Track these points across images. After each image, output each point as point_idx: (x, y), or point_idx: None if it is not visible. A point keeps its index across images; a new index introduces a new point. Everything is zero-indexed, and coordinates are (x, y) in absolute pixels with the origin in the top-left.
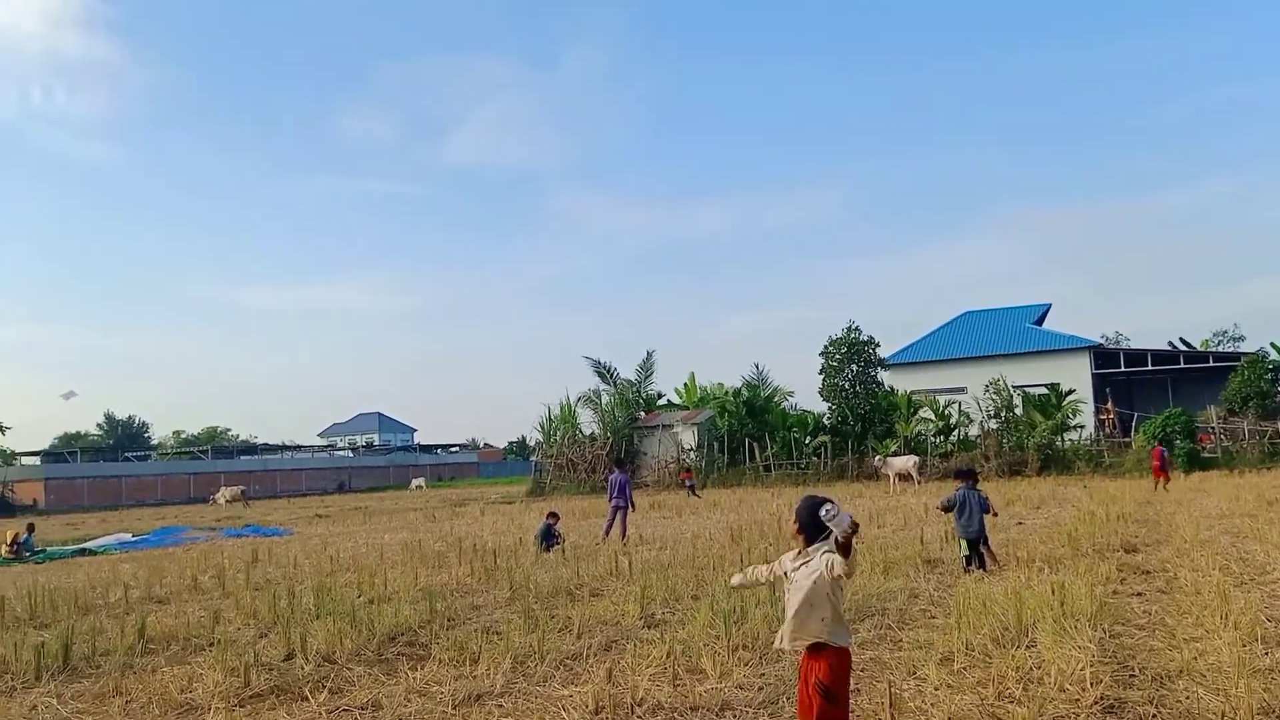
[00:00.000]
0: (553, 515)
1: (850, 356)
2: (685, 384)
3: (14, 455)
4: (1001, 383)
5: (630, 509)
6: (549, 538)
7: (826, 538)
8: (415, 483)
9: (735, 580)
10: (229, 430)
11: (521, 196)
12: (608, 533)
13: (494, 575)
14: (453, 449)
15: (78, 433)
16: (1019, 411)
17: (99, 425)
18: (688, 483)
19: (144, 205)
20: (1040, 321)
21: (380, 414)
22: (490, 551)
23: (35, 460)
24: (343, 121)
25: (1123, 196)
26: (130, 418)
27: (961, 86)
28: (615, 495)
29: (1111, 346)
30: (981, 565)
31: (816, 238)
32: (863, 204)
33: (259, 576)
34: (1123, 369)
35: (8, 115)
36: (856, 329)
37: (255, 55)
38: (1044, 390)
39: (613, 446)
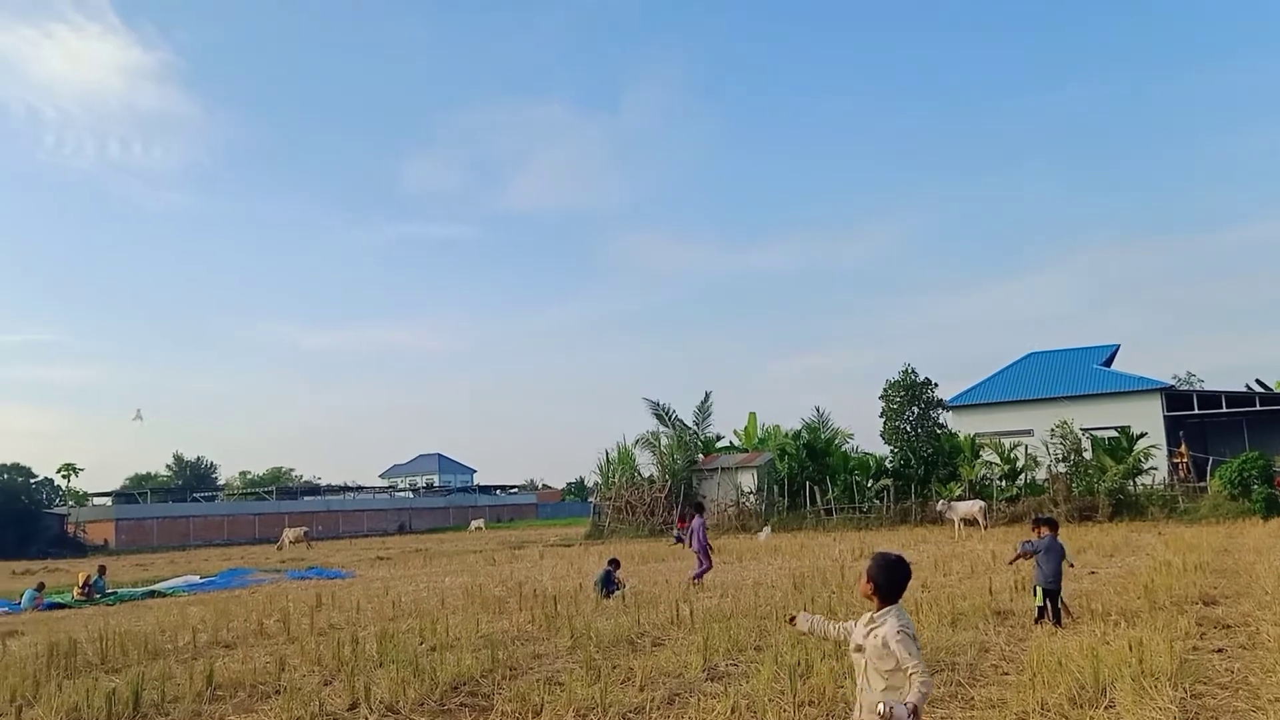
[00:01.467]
0: (613, 562)
1: (910, 399)
2: (745, 427)
3: (86, 496)
4: (1070, 424)
5: (703, 553)
6: (609, 584)
7: (900, 598)
8: (474, 524)
9: (802, 623)
10: (293, 470)
11: (581, 238)
12: (697, 578)
13: (555, 622)
14: (511, 490)
15: (147, 473)
16: (1088, 455)
17: (168, 466)
18: (677, 534)
19: (214, 251)
20: (1109, 363)
21: (440, 455)
22: (550, 597)
23: (107, 501)
24: (405, 168)
25: (1193, 231)
26: (198, 458)
27: (1024, 121)
28: (695, 540)
29: (1184, 388)
30: (1055, 618)
31: (877, 277)
32: (924, 243)
33: (323, 621)
34: (1196, 411)
35: (87, 167)
36: (913, 371)
37: (321, 107)
38: (1114, 433)
39: (671, 489)
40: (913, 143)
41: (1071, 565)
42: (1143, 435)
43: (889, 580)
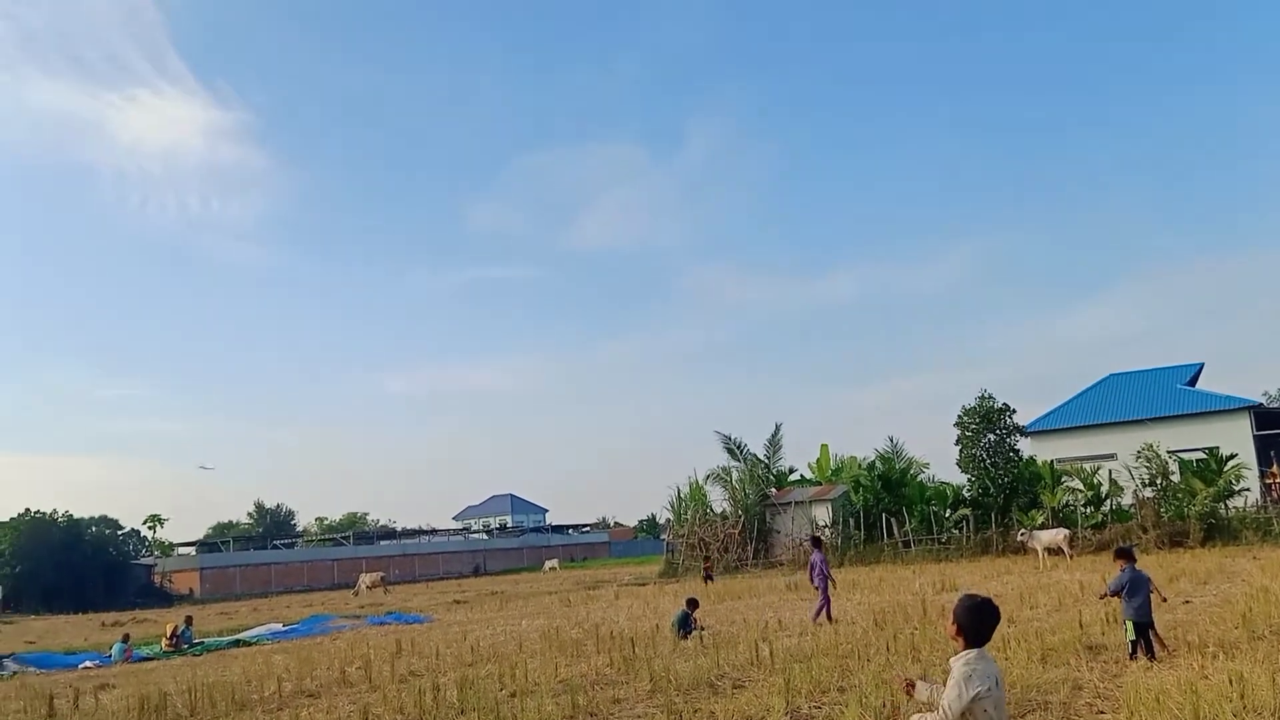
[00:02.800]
0: (691, 602)
1: (986, 425)
2: (817, 459)
3: (171, 546)
4: (1155, 448)
5: (831, 587)
6: (686, 625)
7: (986, 641)
8: (549, 564)
9: (921, 693)
10: (368, 515)
11: (648, 274)
12: (816, 617)
13: (633, 665)
14: (584, 529)
15: (229, 522)
16: (1175, 478)
17: (249, 514)
18: (706, 572)
19: (289, 301)
20: (1193, 382)
21: (513, 495)
22: (628, 639)
23: (191, 550)
24: (473, 211)
25: (1267, 244)
26: (278, 506)
27: (1099, 139)
28: (815, 577)
29: (1273, 406)
30: (1149, 652)
31: (949, 303)
32: (996, 266)
33: (404, 668)
34: None
35: (169, 224)
36: (990, 397)
37: (391, 154)
38: (1201, 455)
39: (744, 525)
40: (982, 165)
41: (1164, 599)
42: (1232, 456)
43: (974, 623)
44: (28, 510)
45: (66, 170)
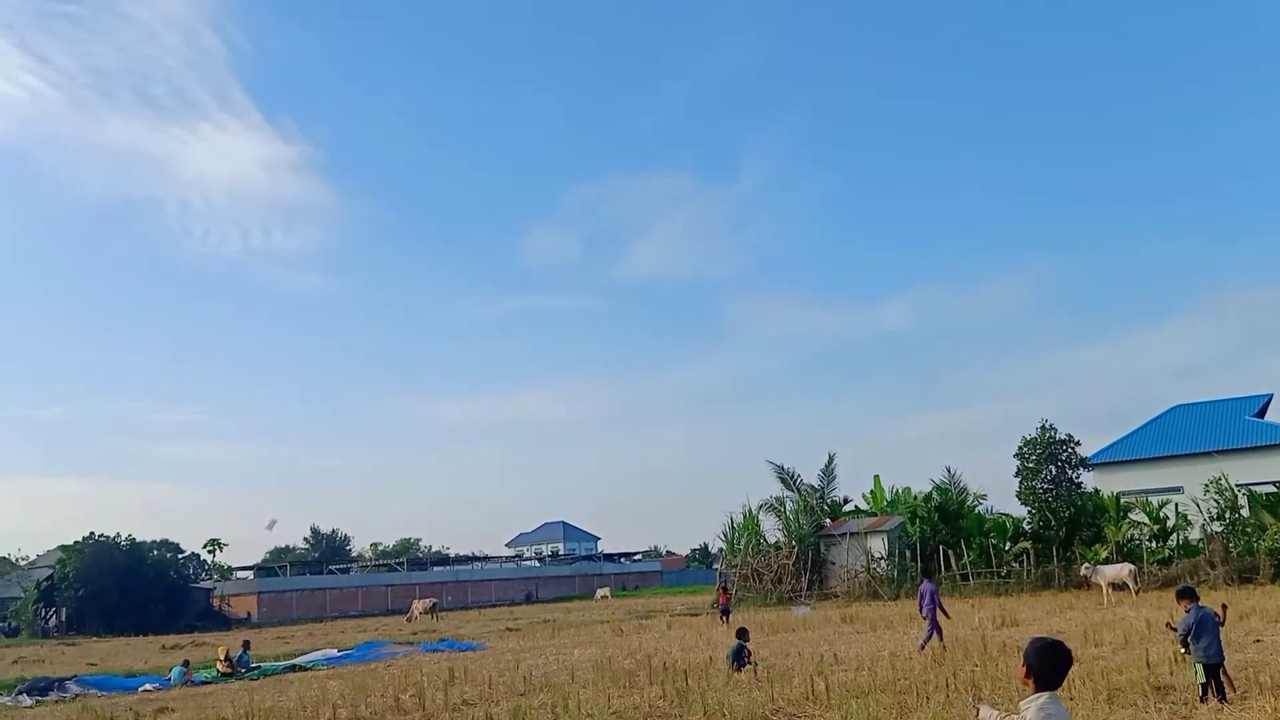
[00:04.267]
0: (742, 633)
1: (1047, 457)
2: (871, 490)
3: (230, 570)
4: (1224, 480)
5: (931, 621)
6: (740, 658)
7: (1059, 685)
8: (600, 593)
9: (985, 716)
10: (421, 541)
11: (701, 304)
12: (923, 647)
13: (686, 697)
14: (635, 557)
15: (286, 547)
16: (1244, 512)
17: (305, 539)
18: (722, 606)
19: (347, 330)
20: (1262, 413)
21: (565, 523)
22: (681, 671)
23: (249, 574)
24: (528, 240)
25: None
26: (333, 531)
27: (1158, 163)
28: (925, 606)
29: None
30: (1220, 693)
31: (1006, 330)
32: (1055, 293)
33: (456, 696)
34: None
35: (232, 254)
36: (1052, 428)
37: (448, 185)
38: (1271, 488)
39: (798, 555)
40: (1037, 191)
41: (1222, 622)
42: None
43: (1046, 666)
44: (91, 534)
45: (133, 203)
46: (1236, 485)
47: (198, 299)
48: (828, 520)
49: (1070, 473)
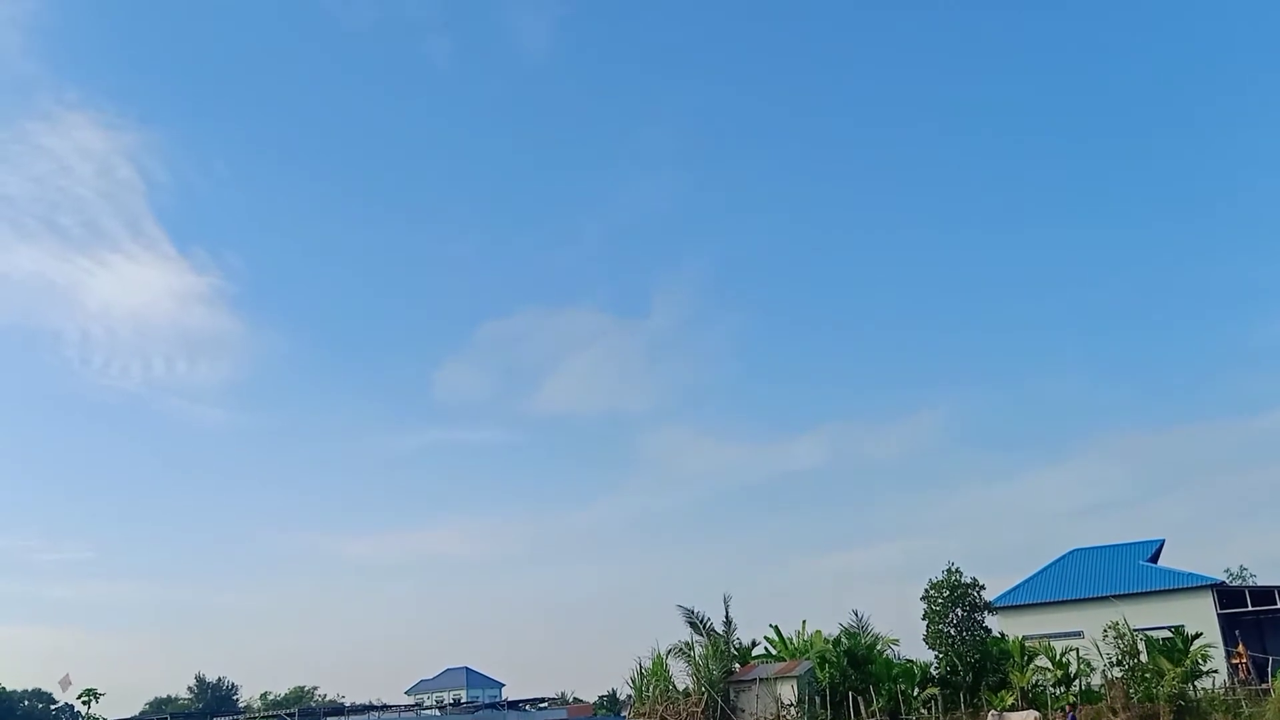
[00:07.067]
0: None
1: (953, 600)
2: (790, 633)
3: None
4: (1123, 625)
5: None
6: None
7: None
8: None
9: None
10: (316, 689)
11: (615, 439)
12: None
13: None
14: (541, 704)
15: (168, 696)
16: (1144, 658)
17: (189, 688)
18: None
19: (249, 464)
20: (1155, 558)
21: (468, 668)
22: None
23: None
24: (440, 374)
25: (1232, 415)
26: (220, 679)
27: (1059, 310)
28: None
29: (1235, 584)
30: None
31: (915, 469)
32: (962, 432)
33: None
34: (1250, 608)
35: (132, 386)
36: (957, 570)
37: (360, 319)
38: (1168, 633)
39: (708, 702)
40: (945, 335)
41: None
42: (1198, 635)
43: None
44: None
45: (30, 334)
46: (1134, 630)
47: (92, 431)
48: (737, 666)
49: (976, 616)
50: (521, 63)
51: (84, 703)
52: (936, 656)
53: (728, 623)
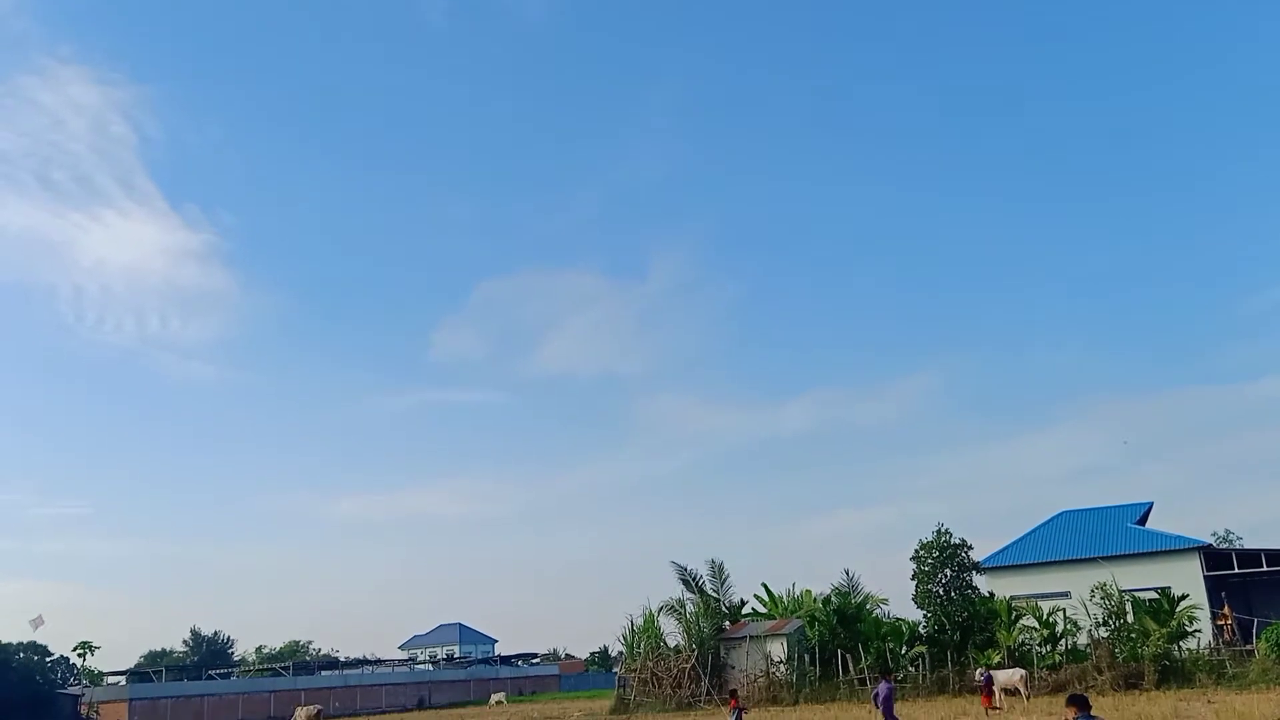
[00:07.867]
0: None
1: (943, 561)
2: (780, 592)
3: (100, 675)
4: (1111, 586)
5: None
6: None
7: None
8: (495, 698)
9: None
10: (311, 644)
11: (608, 402)
12: None
13: None
14: (534, 660)
15: (163, 650)
16: (1130, 618)
17: (184, 642)
18: (736, 711)
19: (243, 421)
20: (1143, 521)
21: (461, 625)
22: None
23: (121, 680)
24: (436, 335)
25: (1226, 381)
26: (215, 633)
27: (1046, 277)
28: (879, 704)
29: (1223, 546)
30: None
31: (906, 434)
32: (952, 398)
33: None
34: (1236, 570)
35: (125, 342)
36: (947, 532)
37: (356, 279)
38: (1154, 595)
39: (698, 659)
40: (938, 301)
41: None
42: (1184, 597)
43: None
44: None
45: (25, 289)
46: (1121, 591)
47: (84, 387)
48: (728, 624)
49: (965, 577)
50: (520, 25)
51: (80, 655)
52: (925, 616)
53: (719, 577)
